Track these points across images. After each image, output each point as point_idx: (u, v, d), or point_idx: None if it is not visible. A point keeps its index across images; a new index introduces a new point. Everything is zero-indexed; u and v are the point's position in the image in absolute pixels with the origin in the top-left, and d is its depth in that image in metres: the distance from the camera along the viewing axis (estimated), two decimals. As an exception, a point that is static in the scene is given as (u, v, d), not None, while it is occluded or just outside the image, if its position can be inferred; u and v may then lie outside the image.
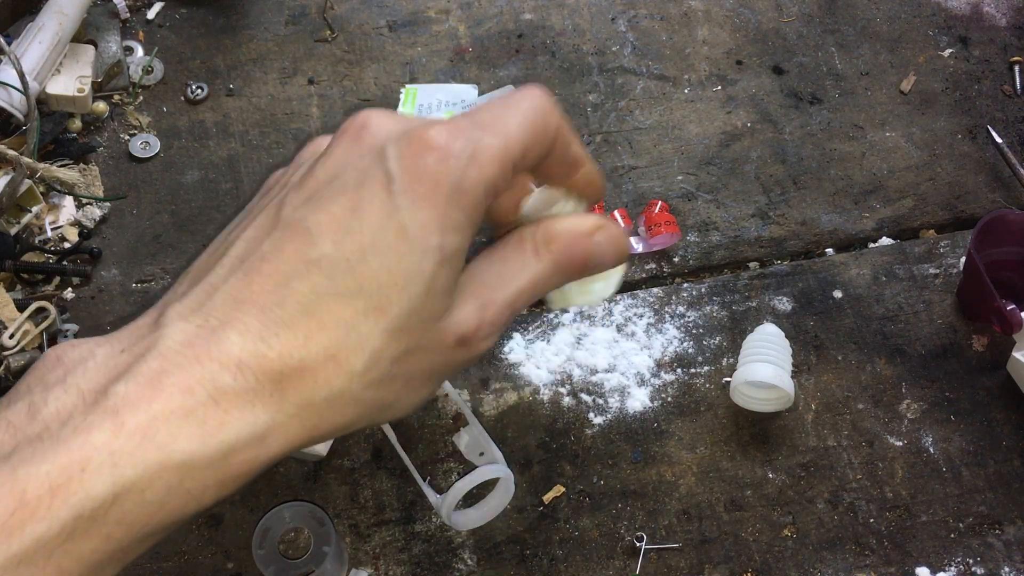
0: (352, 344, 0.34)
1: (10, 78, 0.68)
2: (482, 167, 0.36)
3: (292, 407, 0.34)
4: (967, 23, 0.82)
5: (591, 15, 0.82)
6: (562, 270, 0.40)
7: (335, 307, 0.34)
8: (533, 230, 0.40)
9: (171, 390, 0.32)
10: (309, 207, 0.36)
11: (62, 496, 0.31)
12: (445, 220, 0.35)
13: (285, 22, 0.81)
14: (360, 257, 0.35)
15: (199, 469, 0.33)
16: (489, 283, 0.39)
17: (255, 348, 0.33)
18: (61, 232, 0.71)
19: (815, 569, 0.60)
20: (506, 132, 0.37)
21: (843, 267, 0.71)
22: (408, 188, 0.35)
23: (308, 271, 0.34)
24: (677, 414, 0.65)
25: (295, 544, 0.59)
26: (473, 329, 0.38)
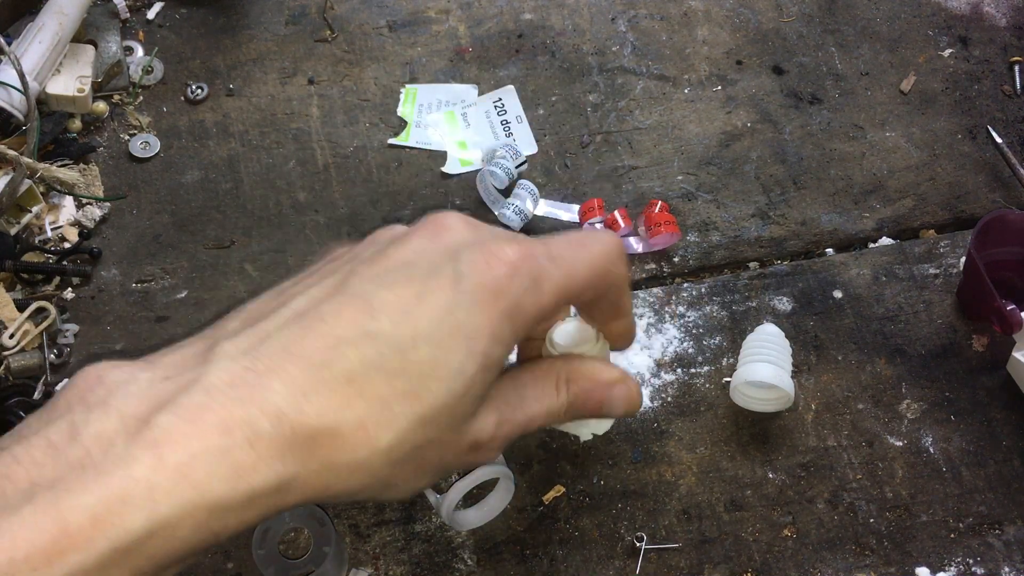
0: (384, 421, 0.36)
1: (10, 78, 0.68)
2: (541, 294, 0.39)
3: (316, 465, 0.35)
4: (967, 23, 0.82)
5: (591, 15, 0.82)
6: (575, 410, 0.43)
7: (377, 382, 0.36)
8: (560, 366, 0.43)
9: (211, 428, 0.33)
10: (377, 283, 0.37)
11: (102, 528, 0.31)
12: (496, 331, 0.37)
13: (285, 22, 0.81)
14: (412, 341, 0.36)
15: (226, 510, 0.34)
16: (511, 402, 0.41)
17: (296, 402, 0.35)
18: (61, 232, 0.71)
19: (815, 569, 0.60)
20: (572, 269, 0.40)
21: (843, 267, 0.71)
22: (472, 292, 0.37)
23: (361, 341, 0.36)
24: (677, 414, 0.65)
25: (295, 544, 0.59)
26: (487, 439, 0.40)
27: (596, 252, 0.41)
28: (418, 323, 0.36)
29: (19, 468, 0.33)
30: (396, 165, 0.75)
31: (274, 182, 0.74)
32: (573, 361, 0.44)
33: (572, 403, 0.43)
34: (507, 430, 0.41)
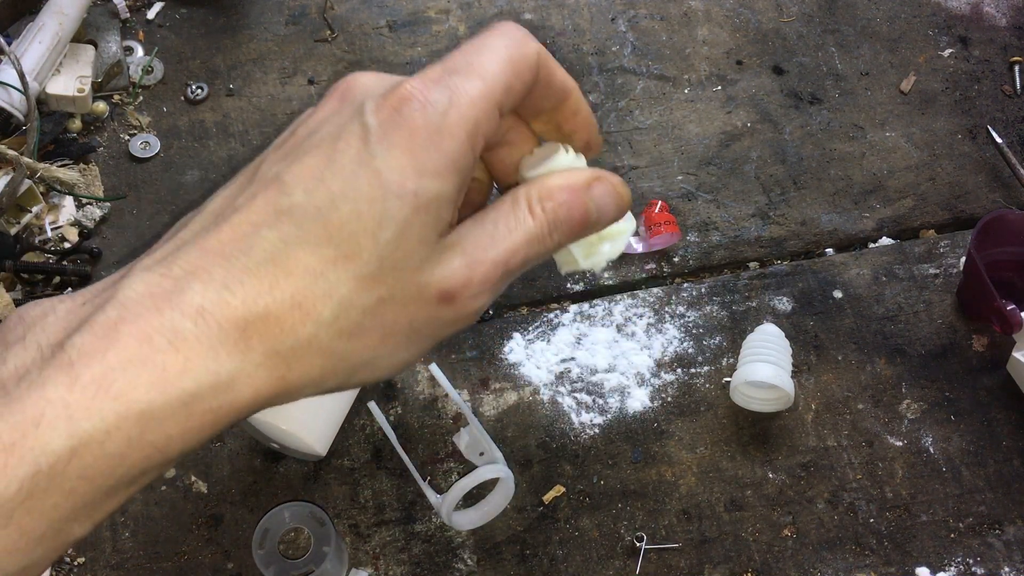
0: (319, 292, 0.34)
1: (10, 78, 0.68)
2: (462, 111, 0.36)
3: (258, 355, 0.33)
4: (967, 23, 0.82)
5: (591, 15, 0.82)
6: (560, 228, 0.39)
7: (303, 255, 0.34)
8: (527, 187, 0.39)
9: (127, 339, 0.32)
10: (286, 162, 0.35)
11: (17, 453, 0.30)
12: (422, 165, 0.35)
13: (285, 22, 0.81)
14: (331, 204, 0.34)
15: (160, 419, 0.32)
16: (480, 242, 0.37)
17: (218, 296, 0.33)
18: (61, 232, 0.71)
19: (815, 569, 0.60)
20: (484, 73, 0.37)
21: (843, 267, 0.71)
22: (384, 137, 0.35)
23: (278, 220, 0.34)
24: (677, 414, 0.65)
25: (295, 544, 0.59)
26: (460, 285, 0.36)
27: (500, 45, 0.38)
28: (332, 185, 0.34)
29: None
30: (396, 165, 0.75)
31: (274, 182, 0.74)
32: (540, 178, 0.40)
33: (553, 221, 0.39)
34: (484, 271, 0.37)
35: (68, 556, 0.60)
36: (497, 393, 0.66)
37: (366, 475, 0.63)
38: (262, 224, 0.34)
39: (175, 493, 0.62)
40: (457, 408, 0.64)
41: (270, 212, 0.34)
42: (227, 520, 0.61)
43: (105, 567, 0.60)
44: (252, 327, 0.33)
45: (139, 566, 0.60)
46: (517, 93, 0.38)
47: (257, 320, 0.33)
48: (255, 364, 0.33)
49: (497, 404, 0.65)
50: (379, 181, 0.34)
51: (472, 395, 0.65)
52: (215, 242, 0.34)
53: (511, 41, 0.38)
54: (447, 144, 0.35)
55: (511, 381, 0.66)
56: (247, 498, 0.62)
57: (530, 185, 0.39)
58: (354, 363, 0.36)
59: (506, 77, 0.37)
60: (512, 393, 0.66)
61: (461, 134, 0.35)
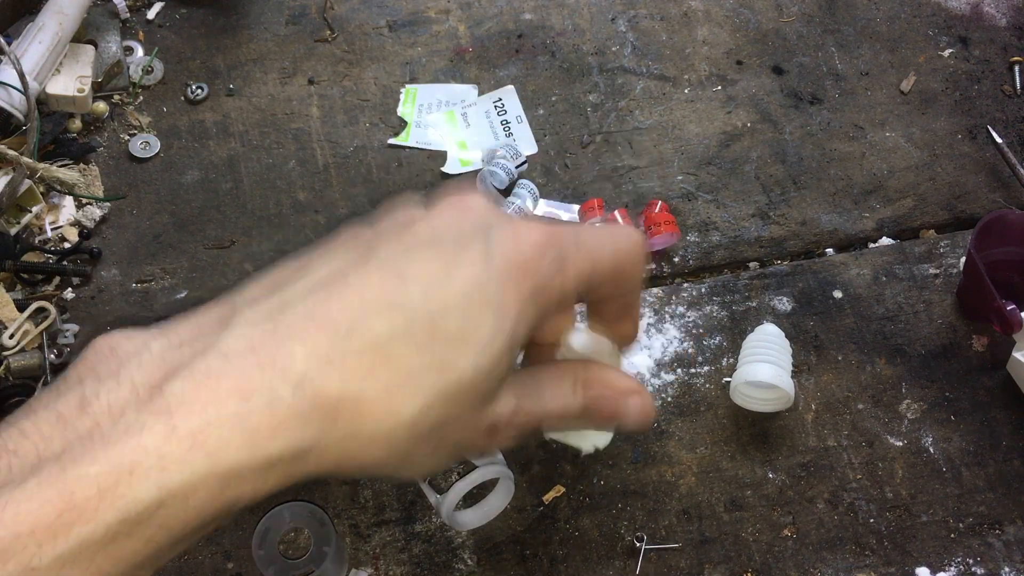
0: (410, 392, 0.35)
1: (10, 78, 0.68)
2: (566, 278, 0.38)
3: (339, 434, 0.34)
4: (967, 23, 0.82)
5: (591, 15, 0.82)
6: (588, 415, 0.43)
7: (405, 351, 0.35)
8: (577, 368, 0.43)
9: (227, 394, 0.32)
10: (406, 255, 0.37)
11: (109, 499, 0.31)
12: (523, 309, 0.37)
13: (285, 22, 0.81)
14: (442, 313, 0.35)
15: (242, 478, 0.33)
16: (529, 392, 0.40)
17: (319, 368, 0.34)
18: (61, 232, 0.71)
19: (815, 569, 0.60)
20: (597, 257, 0.40)
21: (843, 267, 0.71)
22: (501, 268, 0.36)
23: (390, 310, 0.35)
24: (677, 414, 0.65)
25: (295, 544, 0.59)
26: (504, 422, 0.39)
27: (621, 244, 0.41)
28: (448, 295, 0.35)
29: (26, 442, 0.32)
30: (396, 165, 0.75)
31: (274, 182, 0.74)
32: (591, 366, 0.44)
33: (587, 406, 0.42)
34: (523, 419, 0.40)
35: (68, 556, 0.60)
36: (497, 393, 0.65)
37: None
38: (373, 310, 0.35)
39: (175, 493, 0.62)
40: (457, 408, 0.64)
41: (384, 300, 0.35)
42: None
43: (105, 567, 0.60)
44: (343, 407, 0.34)
45: (139, 566, 0.60)
46: (605, 290, 0.42)
47: (349, 401, 0.34)
48: (333, 440, 0.34)
49: (497, 404, 0.65)
50: (490, 308, 0.36)
51: (472, 395, 0.65)
52: (323, 312, 0.35)
53: (632, 250, 0.41)
54: (542, 302, 0.38)
55: (511, 381, 0.66)
56: (247, 498, 0.62)
57: (582, 367, 0.43)
58: (404, 461, 0.37)
59: (608, 274, 0.41)
60: (512, 393, 0.65)
61: (555, 297, 0.38)
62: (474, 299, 0.36)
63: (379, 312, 0.35)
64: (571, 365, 0.43)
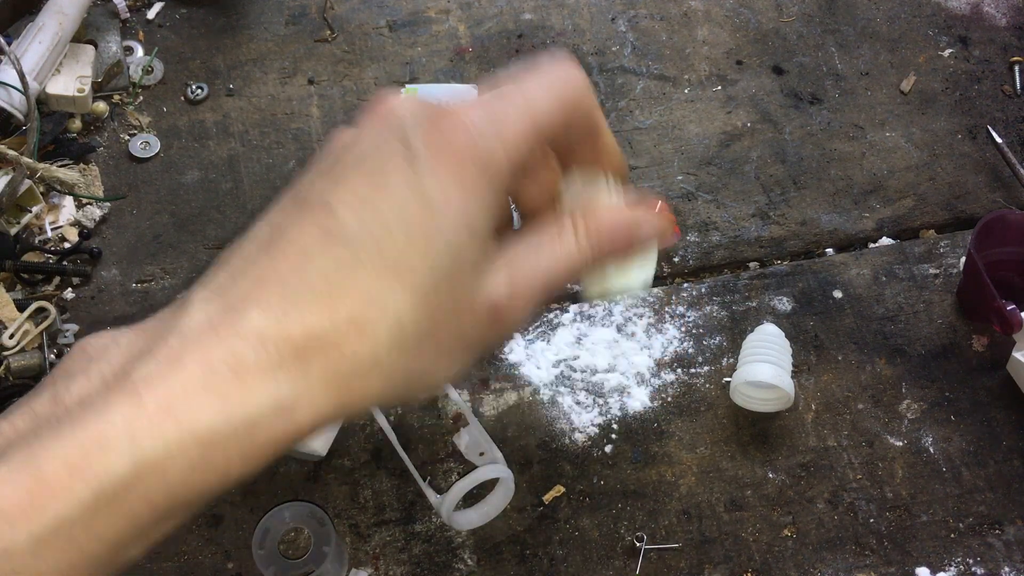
0: (375, 312, 0.34)
1: (10, 78, 0.68)
2: (506, 143, 0.37)
3: (316, 378, 0.34)
4: (967, 23, 0.82)
5: (591, 15, 0.82)
6: (601, 251, 0.41)
7: (357, 278, 0.34)
8: (571, 211, 0.41)
9: (192, 367, 0.32)
10: (333, 186, 0.36)
11: (80, 475, 0.30)
12: (469, 191, 0.36)
13: (285, 22, 0.81)
14: (383, 229, 0.35)
15: (222, 444, 0.32)
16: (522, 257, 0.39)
17: (276, 322, 0.33)
18: (61, 232, 0.71)
19: (815, 569, 0.60)
20: (531, 105, 0.38)
21: (843, 267, 0.71)
22: (431, 161, 0.35)
23: (329, 244, 0.35)
24: (677, 414, 0.65)
25: (295, 544, 0.59)
26: (505, 300, 0.38)
27: (553, 78, 0.39)
28: (383, 209, 0.35)
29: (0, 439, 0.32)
30: (396, 165, 0.75)
31: (274, 182, 0.74)
32: (588, 211, 0.41)
33: (595, 244, 0.40)
34: (525, 287, 0.38)
35: (68, 556, 0.60)
36: (497, 393, 0.66)
37: (366, 475, 0.63)
38: (314, 250, 0.35)
39: (175, 493, 0.62)
40: (457, 408, 0.64)
41: (321, 237, 0.35)
42: (227, 520, 0.61)
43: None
44: (311, 351, 0.34)
45: (139, 566, 0.60)
46: (560, 128, 0.39)
47: (315, 344, 0.34)
48: (315, 387, 0.34)
49: (497, 404, 0.65)
50: (429, 205, 0.35)
51: (472, 395, 0.65)
52: (269, 270, 0.35)
53: (567, 80, 0.39)
54: (492, 173, 0.36)
55: (511, 381, 0.66)
56: (247, 498, 0.62)
57: (573, 210, 0.41)
58: (411, 378, 0.36)
59: (555, 118, 0.38)
60: (512, 393, 0.66)
61: (505, 165, 0.37)
62: (411, 204, 0.35)
63: (321, 252, 0.34)
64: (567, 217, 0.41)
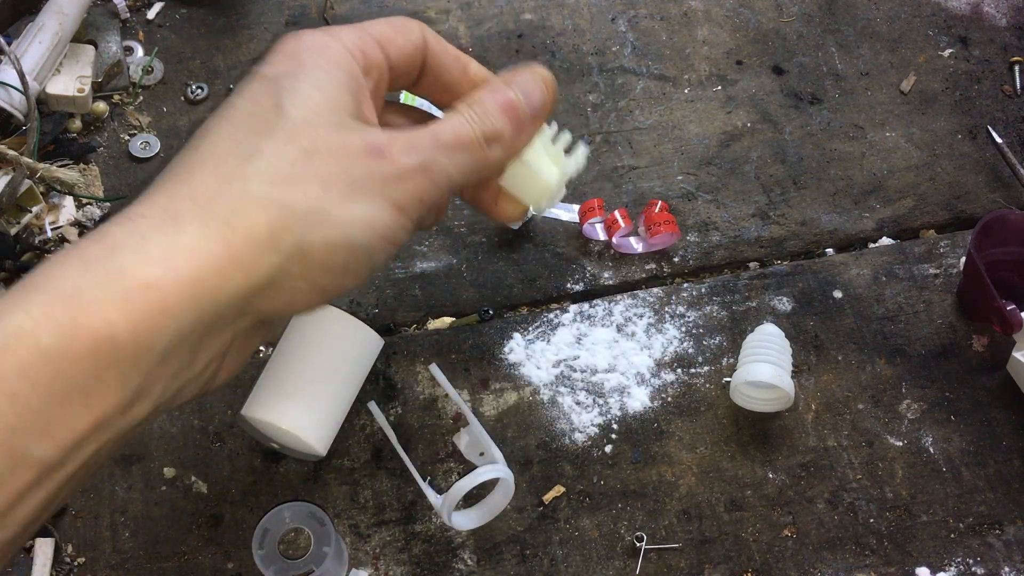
0: (240, 158, 0.39)
1: (10, 78, 0.68)
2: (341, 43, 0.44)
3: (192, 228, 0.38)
4: (967, 23, 0.82)
5: (591, 15, 0.82)
6: (492, 116, 0.45)
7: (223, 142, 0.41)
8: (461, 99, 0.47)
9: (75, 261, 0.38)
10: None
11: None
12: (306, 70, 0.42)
13: (285, 22, 0.81)
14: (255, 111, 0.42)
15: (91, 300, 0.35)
16: (411, 119, 0.46)
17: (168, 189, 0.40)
18: (61, 232, 0.71)
19: (815, 569, 0.60)
20: (365, 27, 0.46)
21: (843, 267, 0.71)
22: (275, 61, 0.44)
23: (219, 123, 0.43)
24: (677, 414, 0.65)
25: (295, 544, 0.59)
26: (384, 142, 0.41)
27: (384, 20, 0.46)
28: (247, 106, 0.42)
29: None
30: (396, 165, 0.75)
31: (274, 182, 0.74)
32: None
33: (483, 116, 0.45)
34: (408, 135, 0.42)
35: (68, 556, 0.60)
36: (497, 393, 0.66)
37: (366, 475, 0.63)
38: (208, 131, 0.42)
39: (175, 493, 0.62)
40: (457, 408, 0.64)
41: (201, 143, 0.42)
42: (227, 520, 0.61)
43: (105, 567, 0.60)
44: (188, 207, 0.38)
45: (139, 566, 0.60)
46: (401, 48, 0.46)
47: (190, 197, 0.38)
48: (196, 236, 0.37)
49: (497, 404, 0.65)
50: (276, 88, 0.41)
51: (472, 395, 0.65)
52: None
53: (396, 20, 0.47)
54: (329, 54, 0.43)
55: (511, 381, 0.66)
56: (247, 498, 0.62)
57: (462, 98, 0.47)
58: (302, 212, 0.39)
59: (383, 32, 0.45)
60: (512, 393, 0.66)
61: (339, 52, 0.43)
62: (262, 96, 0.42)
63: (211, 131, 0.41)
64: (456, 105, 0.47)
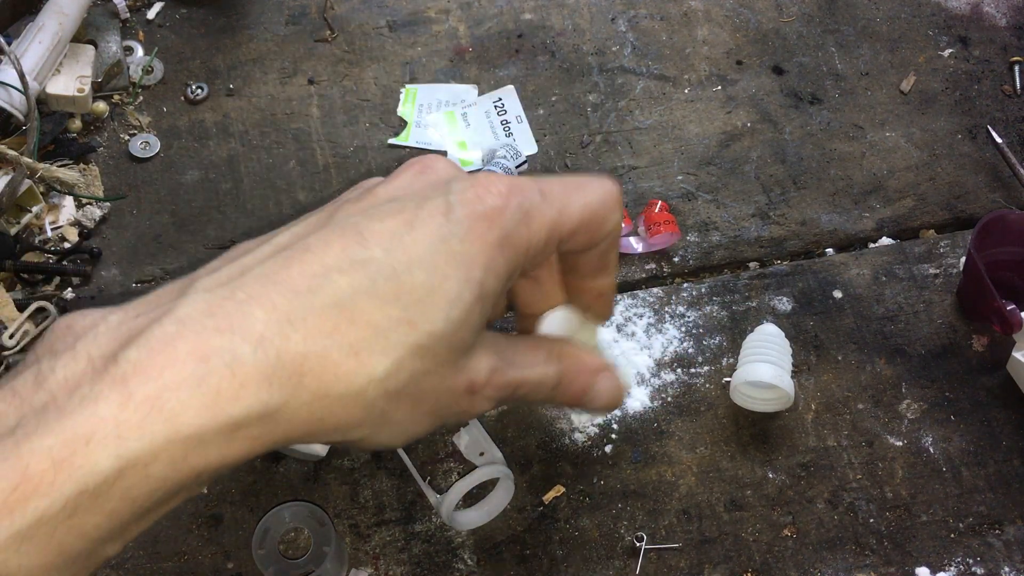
0: (378, 348, 0.34)
1: (10, 78, 0.68)
2: (531, 228, 0.38)
3: (307, 394, 0.33)
4: (967, 23, 0.82)
5: (591, 15, 0.82)
6: (562, 392, 0.42)
7: (370, 308, 0.34)
8: (552, 342, 0.43)
9: (185, 357, 0.31)
10: (366, 216, 0.36)
11: (66, 471, 0.30)
12: (490, 260, 0.36)
13: (285, 22, 0.81)
14: (407, 267, 0.35)
15: (205, 444, 0.32)
16: (505, 355, 0.40)
17: (280, 329, 0.33)
18: (61, 232, 0.71)
19: (815, 569, 0.60)
20: (565, 207, 0.39)
21: (843, 267, 0.71)
22: (464, 221, 0.36)
23: (351, 268, 0.34)
24: (677, 414, 0.65)
25: (295, 544, 0.59)
26: (482, 382, 0.38)
27: (592, 194, 0.40)
28: (411, 249, 0.35)
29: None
30: (396, 165, 0.75)
31: (274, 182, 0.74)
32: (565, 342, 0.43)
33: (559, 380, 0.42)
34: (500, 381, 0.39)
35: (68, 556, 0.60)
36: (497, 393, 0.65)
37: (366, 475, 0.63)
38: (335, 268, 0.34)
39: (175, 493, 0.62)
40: (457, 408, 0.64)
41: (345, 259, 0.35)
42: (227, 520, 0.61)
43: (105, 567, 0.60)
44: (308, 365, 0.33)
45: (139, 566, 0.60)
46: (578, 243, 0.41)
47: (314, 360, 0.33)
48: (301, 402, 0.33)
49: (497, 404, 0.65)
50: (454, 261, 0.36)
51: (472, 395, 0.65)
52: (283, 274, 0.34)
53: (603, 198, 0.41)
54: (510, 252, 0.37)
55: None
56: (247, 498, 0.62)
57: (553, 342, 0.43)
58: (383, 423, 0.36)
59: (579, 225, 0.40)
60: (512, 393, 0.65)
61: (523, 247, 0.38)
62: (438, 251, 0.35)
63: (341, 271, 0.34)
64: (547, 339, 0.43)
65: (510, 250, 0.37)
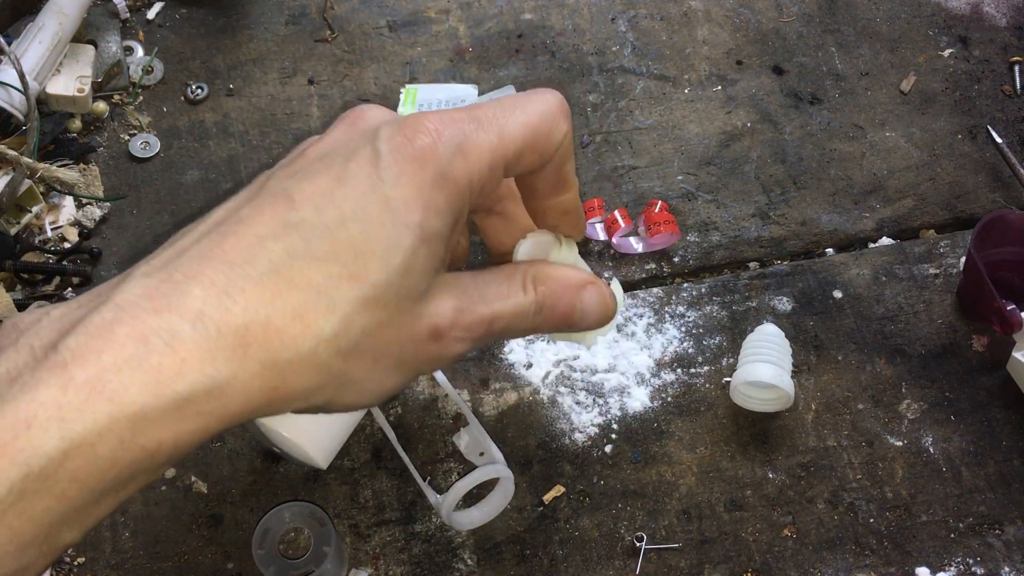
0: (323, 307, 0.34)
1: (10, 78, 0.68)
2: (468, 159, 0.36)
3: (254, 364, 0.33)
4: (967, 23, 0.82)
5: (591, 15, 0.82)
6: (546, 316, 0.41)
7: (308, 270, 0.34)
8: (526, 267, 0.41)
9: (123, 340, 0.31)
10: (295, 179, 0.36)
11: (8, 455, 0.30)
12: (427, 201, 0.35)
13: (285, 22, 0.81)
14: (340, 223, 0.34)
15: (152, 422, 0.32)
16: (471, 293, 0.39)
17: (218, 302, 0.33)
18: (61, 232, 0.71)
19: (815, 569, 0.60)
20: (504, 131, 0.38)
21: (843, 267, 0.71)
22: (394, 166, 0.35)
23: (284, 233, 0.34)
24: (677, 414, 0.65)
25: (295, 544, 0.59)
26: (447, 324, 0.37)
27: (531, 109, 0.38)
28: (342, 205, 0.34)
29: None
30: (396, 165, 0.75)
31: (274, 182, 0.74)
32: (541, 263, 0.42)
33: (541, 305, 0.40)
34: (469, 320, 0.38)
35: (68, 556, 0.60)
36: (497, 393, 0.66)
37: (366, 475, 0.63)
38: (268, 236, 0.34)
39: (175, 493, 0.62)
40: (457, 408, 0.64)
41: (277, 225, 0.34)
42: (227, 520, 0.61)
43: (105, 567, 0.60)
44: (251, 335, 0.33)
45: (139, 566, 0.60)
46: (528, 164, 0.39)
47: (257, 329, 0.33)
48: (251, 373, 0.33)
49: (497, 404, 0.65)
50: (388, 208, 0.35)
51: (472, 395, 0.65)
52: (218, 250, 0.34)
53: (545, 112, 0.39)
54: (451, 188, 0.36)
55: (511, 381, 0.66)
56: (247, 498, 0.62)
57: (528, 266, 0.41)
58: (344, 383, 0.36)
59: (523, 145, 0.38)
60: (512, 393, 0.66)
61: (464, 181, 0.36)
62: (370, 202, 0.35)
63: (275, 237, 0.34)
64: (518, 265, 0.41)
65: (450, 186, 0.36)
